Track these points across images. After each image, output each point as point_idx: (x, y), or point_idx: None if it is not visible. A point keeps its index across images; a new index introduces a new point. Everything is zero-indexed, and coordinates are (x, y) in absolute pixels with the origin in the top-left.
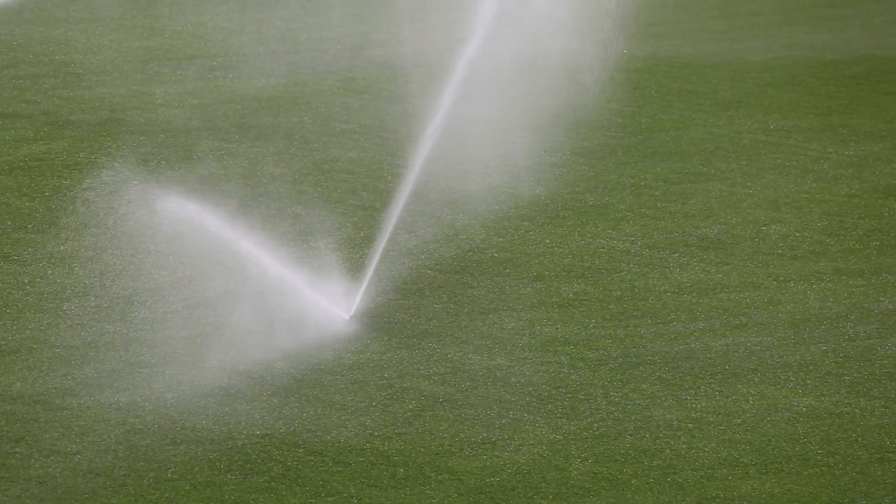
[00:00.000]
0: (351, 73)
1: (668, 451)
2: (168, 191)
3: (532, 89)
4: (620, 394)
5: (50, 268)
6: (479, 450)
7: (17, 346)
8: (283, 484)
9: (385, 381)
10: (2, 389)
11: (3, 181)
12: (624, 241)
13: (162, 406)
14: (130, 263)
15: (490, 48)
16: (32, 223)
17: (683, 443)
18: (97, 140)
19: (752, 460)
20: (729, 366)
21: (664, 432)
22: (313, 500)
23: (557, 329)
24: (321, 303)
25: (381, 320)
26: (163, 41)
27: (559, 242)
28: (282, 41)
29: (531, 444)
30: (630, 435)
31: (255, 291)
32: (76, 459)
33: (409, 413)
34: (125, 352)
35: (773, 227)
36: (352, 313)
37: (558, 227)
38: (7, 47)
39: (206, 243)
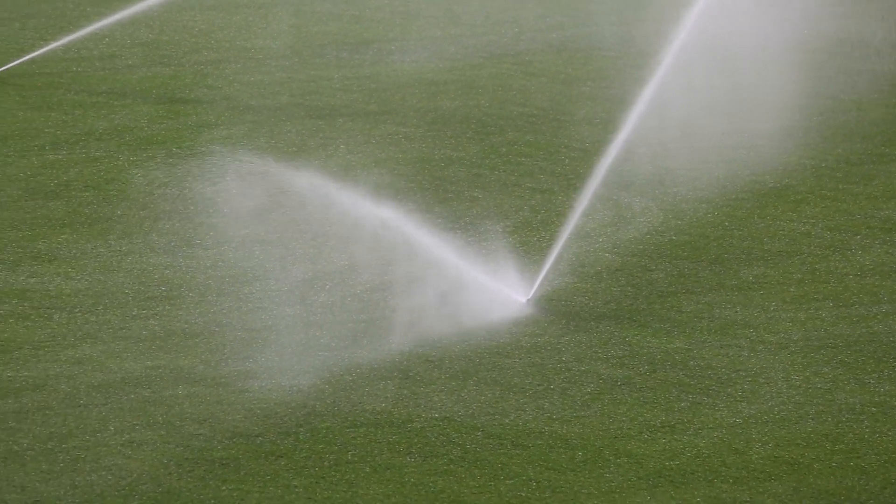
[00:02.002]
0: (528, 55)
1: (850, 435)
2: (346, 175)
3: (709, 71)
4: (802, 377)
5: (231, 252)
6: (658, 433)
7: (200, 330)
8: (461, 466)
9: (563, 365)
10: (185, 372)
11: (185, 166)
12: (804, 223)
13: (342, 389)
14: (310, 247)
15: (664, 30)
16: (213, 207)
17: (867, 427)
18: (277, 125)
19: None
20: None
21: (846, 416)
22: (492, 483)
23: (737, 312)
24: (498, 286)
25: (559, 303)
26: (341, 26)
27: (738, 225)
28: (459, 24)
29: (711, 428)
30: (812, 419)
31: (432, 275)
32: (258, 441)
33: (587, 396)
34: (305, 335)
35: None
36: (529, 297)
37: (737, 209)
38: (189, 33)
39: (383, 227)
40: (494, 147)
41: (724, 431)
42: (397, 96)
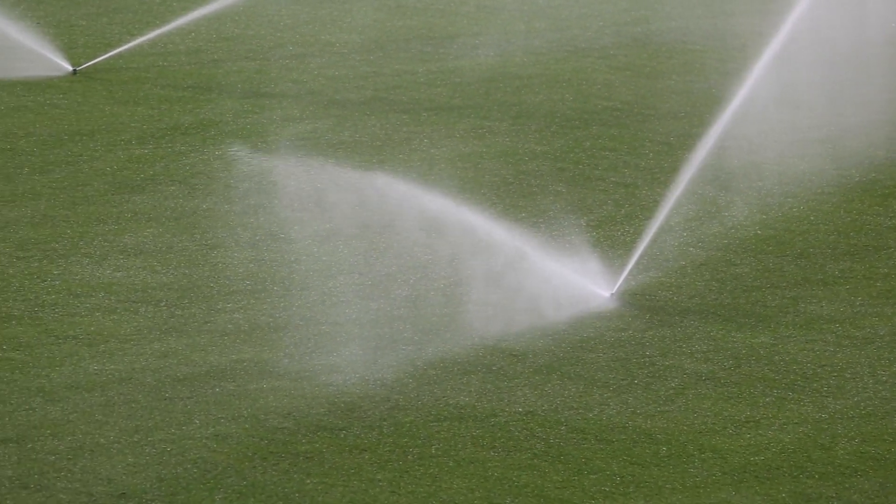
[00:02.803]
0: (613, 49)
1: None
2: (430, 169)
3: (795, 64)
4: (889, 372)
5: (315, 246)
6: (743, 428)
7: (285, 324)
8: (545, 461)
9: (647, 359)
10: (270, 366)
11: (269, 161)
12: (891, 217)
13: (425, 383)
14: (394, 241)
15: (750, 23)
16: (298, 202)
17: None
18: (361, 119)
19: None
20: None
21: None
22: (576, 478)
23: (822, 307)
24: (582, 280)
25: (643, 298)
26: (426, 20)
27: (824, 219)
28: (544, 18)
29: (796, 423)
30: None
31: (516, 269)
32: (342, 435)
33: (671, 391)
34: (389, 329)
35: None
36: (613, 291)
37: (823, 203)
38: (275, 28)
39: (467, 221)
40: (578, 141)
41: (809, 427)
42: (481, 90)
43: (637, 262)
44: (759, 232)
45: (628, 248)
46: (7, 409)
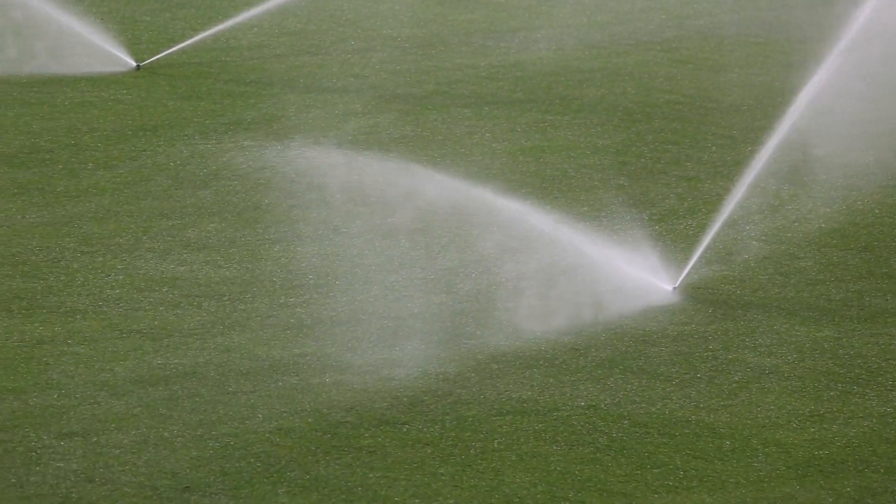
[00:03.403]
0: (675, 42)
1: None
2: (492, 163)
3: (858, 57)
4: None
5: (377, 240)
6: (807, 422)
7: (347, 318)
8: (608, 455)
9: (710, 353)
10: (332, 360)
11: (332, 155)
12: None
13: (488, 377)
14: (456, 236)
15: (813, 15)
16: (360, 196)
17: None
18: (423, 113)
19: None
20: None
21: None
22: (638, 472)
23: (887, 300)
24: (644, 274)
25: (706, 292)
26: (487, 14)
27: (888, 212)
28: (605, 12)
29: (861, 417)
30: None
31: (578, 263)
32: (405, 429)
33: (734, 385)
34: (451, 323)
35: None
36: (676, 285)
37: (888, 196)
38: (336, 23)
39: (529, 215)
40: (640, 135)
41: (874, 421)
42: (543, 84)
43: (700, 256)
44: (822, 225)
45: (691, 241)
46: (72, 403)
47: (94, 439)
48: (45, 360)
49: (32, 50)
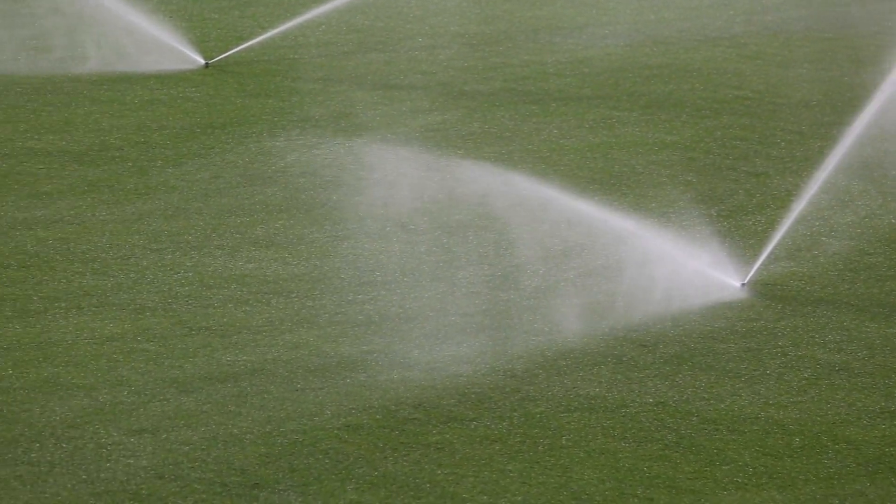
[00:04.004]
0: (743, 38)
1: None
2: (560, 159)
3: None
4: None
5: (445, 237)
6: (878, 419)
7: (415, 314)
8: (677, 452)
9: (779, 350)
10: (400, 356)
11: (400, 152)
12: None
13: (555, 373)
14: (523, 232)
15: (884, 10)
16: (427, 192)
17: None
18: (490, 110)
19: None
20: None
21: None
22: (707, 469)
23: None
24: (713, 270)
25: (775, 288)
26: (555, 10)
27: None
28: (673, 8)
29: None
30: None
31: (645, 259)
32: (472, 426)
33: (804, 381)
34: (518, 320)
35: None
36: (745, 281)
37: None
38: (404, 20)
39: (596, 211)
40: (709, 131)
41: None
42: (610, 80)
43: (769, 253)
44: (893, 221)
45: (759, 238)
46: (142, 399)
47: (164, 436)
48: (114, 356)
49: (102, 48)
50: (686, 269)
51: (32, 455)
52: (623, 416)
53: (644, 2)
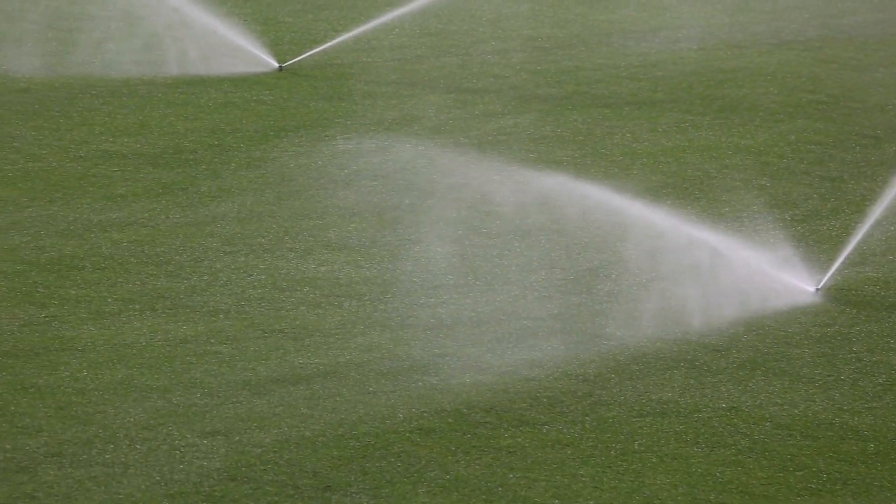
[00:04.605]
0: (818, 42)
1: None
2: (632, 163)
3: None
4: None
5: (517, 240)
6: None
7: (487, 318)
8: (750, 457)
9: (853, 355)
10: (472, 360)
11: (472, 155)
12: None
13: (628, 378)
14: (595, 236)
15: None
16: (499, 196)
17: None
18: (562, 114)
19: None
20: None
21: None
22: (781, 474)
23: None
24: (786, 275)
25: (849, 293)
26: (628, 14)
27: None
28: (747, 11)
29: None
30: None
31: (719, 264)
32: (544, 430)
33: (878, 387)
34: (591, 324)
35: None
36: (819, 286)
37: None
38: (477, 23)
39: (669, 216)
40: (783, 135)
41: None
42: (684, 84)
43: (843, 257)
44: None
45: (833, 242)
46: (215, 402)
47: (237, 438)
48: (188, 359)
49: (177, 51)
50: (759, 273)
51: (107, 456)
52: (696, 420)
53: (718, 5)
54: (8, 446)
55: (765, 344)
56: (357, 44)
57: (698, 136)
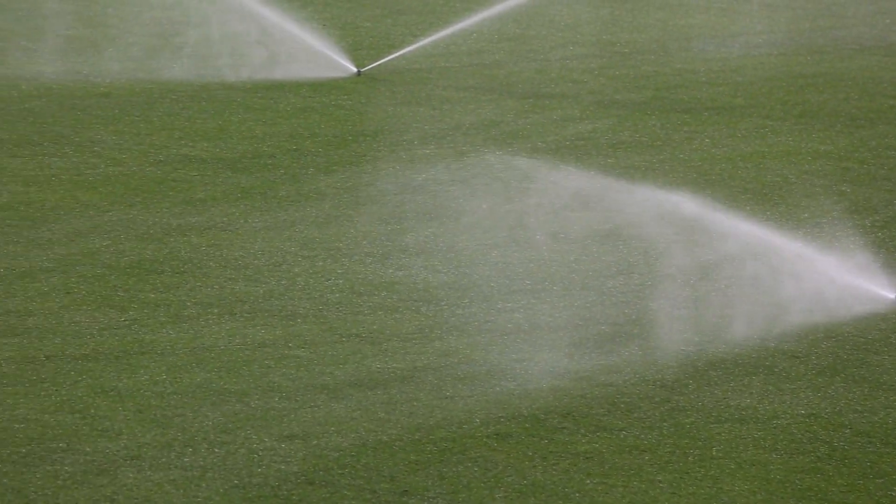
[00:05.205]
0: None
1: None
2: (711, 169)
3: None
4: None
5: (595, 246)
6: None
7: (564, 323)
8: (829, 464)
9: None
10: (549, 365)
11: (549, 159)
12: None
13: (706, 384)
14: (674, 242)
15: None
16: (577, 201)
17: None
18: (641, 119)
19: None
20: None
21: None
22: (861, 482)
23: None
24: (866, 282)
25: None
26: (707, 19)
27: None
28: (829, 16)
29: None
30: None
31: (797, 269)
32: (622, 436)
33: None
34: (668, 329)
35: None
36: None
37: None
38: (556, 28)
39: (748, 222)
40: (864, 140)
41: None
42: (764, 89)
43: None
44: None
45: None
46: (293, 405)
47: (314, 442)
48: (266, 362)
49: (256, 56)
50: (838, 279)
51: (185, 459)
52: (774, 427)
53: (799, 10)
54: (88, 449)
55: (844, 350)
56: (435, 48)
57: (778, 142)
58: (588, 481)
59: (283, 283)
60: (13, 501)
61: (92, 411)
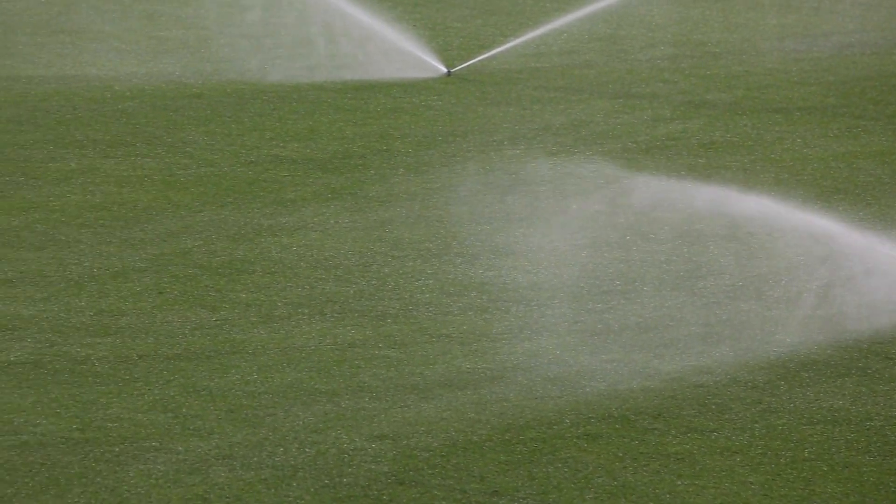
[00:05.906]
0: None
1: None
2: (803, 169)
3: None
4: None
5: (686, 246)
6: None
7: (655, 324)
8: None
9: None
10: (640, 366)
11: (639, 160)
12: None
13: (798, 385)
14: (766, 242)
15: None
16: (668, 201)
17: None
18: (732, 119)
19: None
20: None
21: None
22: None
23: None
24: None
25: None
26: (799, 18)
27: None
28: None
29: None
30: None
31: (891, 270)
32: (713, 437)
33: None
34: (760, 330)
35: None
36: None
37: None
38: (646, 28)
39: (840, 221)
40: None
41: None
42: (856, 89)
43: None
44: None
45: None
46: (383, 406)
47: (405, 442)
48: (356, 363)
49: (346, 56)
50: None
51: (276, 459)
52: (868, 429)
53: (892, 9)
54: (180, 448)
55: None
56: (525, 49)
57: (871, 142)
58: (679, 483)
59: (372, 283)
60: (107, 500)
61: (184, 411)
